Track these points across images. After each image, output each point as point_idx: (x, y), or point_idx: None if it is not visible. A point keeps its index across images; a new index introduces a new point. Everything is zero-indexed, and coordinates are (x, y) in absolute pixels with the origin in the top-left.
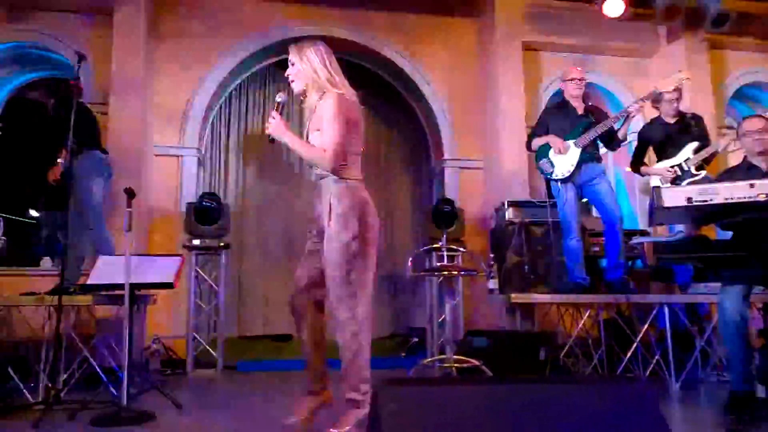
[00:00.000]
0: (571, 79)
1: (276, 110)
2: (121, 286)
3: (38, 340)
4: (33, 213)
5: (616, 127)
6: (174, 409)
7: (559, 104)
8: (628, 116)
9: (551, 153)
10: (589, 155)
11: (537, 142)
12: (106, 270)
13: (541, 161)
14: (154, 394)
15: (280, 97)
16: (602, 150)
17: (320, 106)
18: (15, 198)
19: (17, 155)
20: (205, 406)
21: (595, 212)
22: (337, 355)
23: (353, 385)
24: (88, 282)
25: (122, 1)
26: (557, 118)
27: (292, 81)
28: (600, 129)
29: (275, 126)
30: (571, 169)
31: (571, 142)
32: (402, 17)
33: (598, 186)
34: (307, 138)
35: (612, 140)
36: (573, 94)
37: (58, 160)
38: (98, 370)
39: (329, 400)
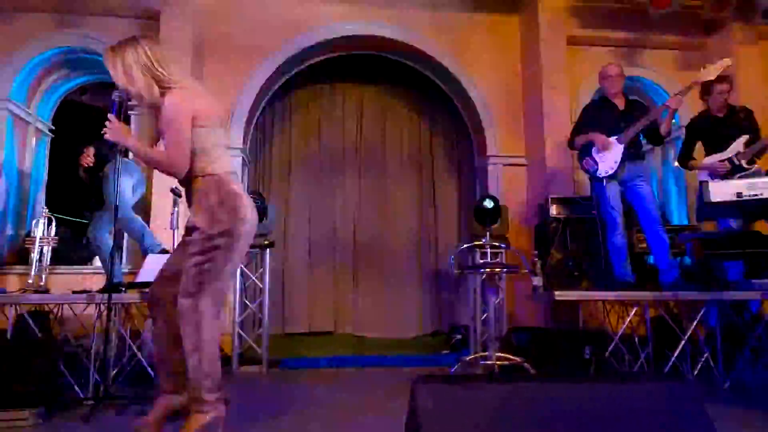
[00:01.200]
0: (609, 76)
1: (112, 111)
2: None
3: (89, 336)
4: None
5: (660, 121)
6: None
7: (601, 101)
8: (669, 110)
9: (594, 150)
10: (633, 152)
11: (579, 140)
12: (153, 268)
13: (585, 159)
14: None
15: (115, 96)
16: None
17: (163, 108)
18: (69, 199)
19: (70, 158)
20: (251, 401)
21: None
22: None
23: (195, 382)
24: (137, 280)
25: (169, 7)
26: (599, 115)
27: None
28: (642, 124)
29: (113, 130)
30: (615, 166)
31: (614, 139)
32: (446, 16)
33: (639, 188)
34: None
35: (656, 135)
36: (612, 91)
37: (88, 150)
38: (146, 365)
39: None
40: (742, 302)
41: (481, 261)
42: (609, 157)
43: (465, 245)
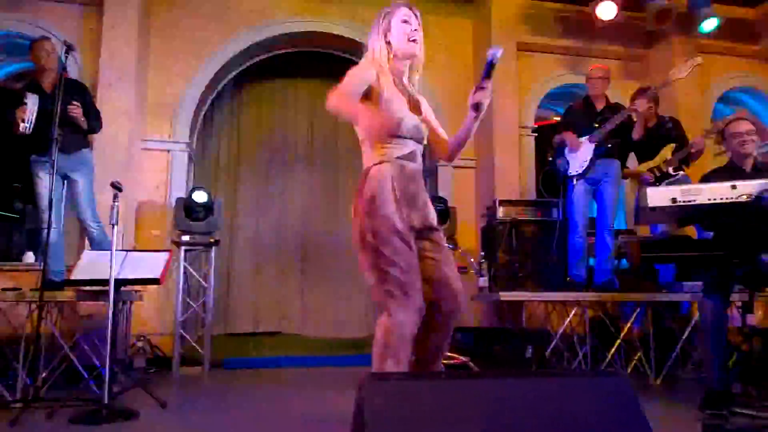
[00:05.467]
0: (591, 77)
1: (489, 74)
2: (105, 282)
3: (19, 337)
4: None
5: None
6: (158, 407)
7: (583, 101)
8: (637, 112)
9: (566, 150)
10: (604, 151)
11: (556, 139)
12: (90, 265)
13: (558, 159)
14: (138, 393)
15: (497, 53)
16: None
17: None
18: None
19: (1, 148)
20: (190, 404)
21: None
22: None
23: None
24: (72, 277)
25: None
26: (578, 115)
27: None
28: (610, 125)
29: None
30: (584, 165)
31: (584, 139)
32: None
33: (603, 187)
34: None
35: (628, 140)
36: (594, 92)
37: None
38: (79, 367)
39: None
40: (674, 303)
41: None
42: (579, 157)
43: None
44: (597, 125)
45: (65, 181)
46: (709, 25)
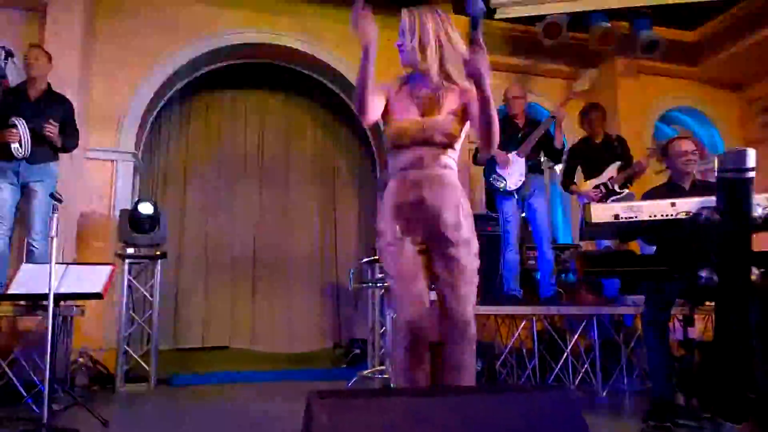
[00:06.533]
0: (513, 97)
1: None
2: (44, 296)
3: None
4: None
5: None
6: (99, 426)
7: (503, 120)
8: (555, 121)
9: (497, 167)
10: (533, 165)
11: (482, 156)
12: (28, 278)
13: (492, 176)
14: (79, 411)
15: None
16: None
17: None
18: None
19: None
20: (133, 423)
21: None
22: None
23: None
24: (9, 291)
25: None
26: (501, 132)
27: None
28: (535, 136)
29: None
30: (522, 179)
31: (513, 154)
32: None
33: (534, 203)
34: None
35: (552, 150)
36: (515, 111)
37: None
38: (18, 385)
39: None
40: (619, 316)
41: (380, 275)
42: (515, 171)
43: (364, 259)
44: (521, 140)
45: (23, 191)
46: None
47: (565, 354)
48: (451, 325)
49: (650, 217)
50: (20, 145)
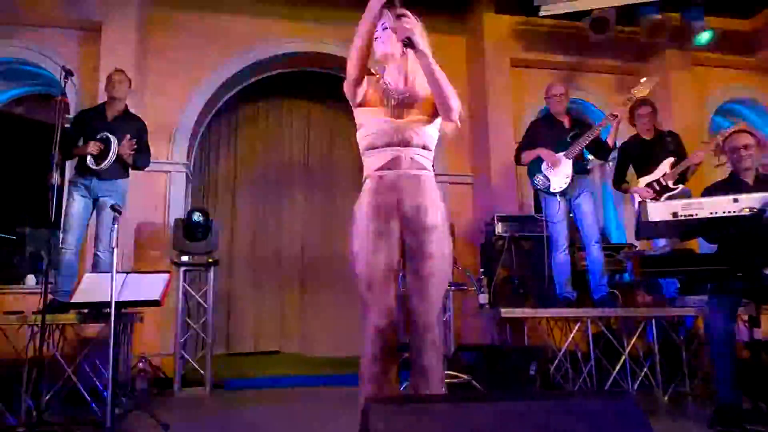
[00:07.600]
0: (554, 95)
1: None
2: (106, 305)
3: (22, 360)
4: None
5: (603, 137)
6: (159, 429)
7: (546, 118)
8: (612, 123)
9: (543, 166)
10: (580, 167)
11: (527, 156)
12: (91, 288)
13: (536, 176)
14: (140, 415)
15: None
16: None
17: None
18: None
19: (2, 171)
20: (193, 426)
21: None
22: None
23: None
24: (73, 300)
25: (111, 18)
26: (545, 131)
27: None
28: (586, 139)
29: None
30: (568, 181)
31: (561, 155)
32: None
33: (582, 203)
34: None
35: (601, 150)
36: (557, 109)
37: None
38: (82, 390)
39: None
40: (679, 318)
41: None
42: (560, 173)
43: None
44: (570, 141)
45: (95, 204)
46: (704, 37)
47: (623, 357)
48: (415, 330)
49: (711, 214)
50: (101, 159)
